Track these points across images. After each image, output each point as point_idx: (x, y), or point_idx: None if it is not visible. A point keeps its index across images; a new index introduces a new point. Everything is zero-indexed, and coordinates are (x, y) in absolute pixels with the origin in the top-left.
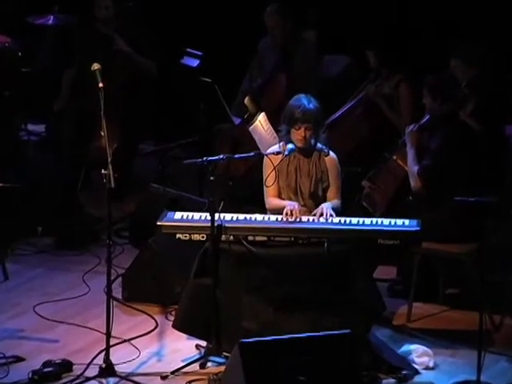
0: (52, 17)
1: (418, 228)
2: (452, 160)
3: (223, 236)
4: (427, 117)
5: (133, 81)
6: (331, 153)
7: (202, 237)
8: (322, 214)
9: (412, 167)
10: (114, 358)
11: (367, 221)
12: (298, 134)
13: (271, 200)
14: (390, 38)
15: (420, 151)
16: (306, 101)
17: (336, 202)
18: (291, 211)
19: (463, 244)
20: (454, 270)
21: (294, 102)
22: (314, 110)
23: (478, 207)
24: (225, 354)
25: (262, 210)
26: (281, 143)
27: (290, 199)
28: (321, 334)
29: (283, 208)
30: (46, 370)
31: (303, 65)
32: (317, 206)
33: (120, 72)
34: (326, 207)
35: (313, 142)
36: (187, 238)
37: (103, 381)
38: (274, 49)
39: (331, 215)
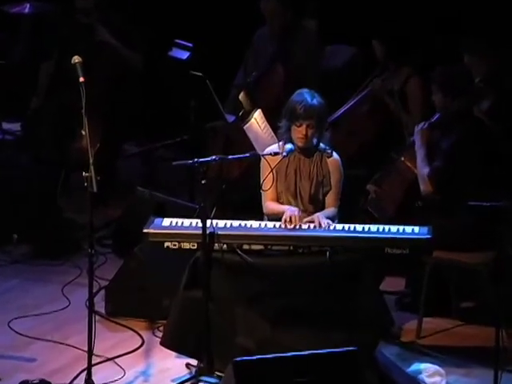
0: (28, 5)
1: (428, 235)
2: (466, 161)
3: (216, 244)
4: (437, 115)
5: (117, 75)
6: (334, 154)
7: (193, 245)
8: (320, 225)
9: (422, 169)
10: (96, 379)
11: (373, 228)
12: (298, 132)
13: (269, 204)
14: (398, 27)
15: (430, 151)
16: (308, 96)
17: (332, 210)
18: (290, 217)
19: (478, 253)
20: (468, 282)
21: (295, 96)
22: (317, 106)
23: (493, 212)
24: (217, 373)
25: (258, 215)
26: (280, 143)
27: (290, 203)
28: (323, 351)
29: (282, 213)
30: None
31: (303, 56)
32: (317, 211)
33: (103, 65)
34: (318, 216)
35: (315, 141)
36: (176, 246)
37: None
38: (271, 39)
39: (328, 223)
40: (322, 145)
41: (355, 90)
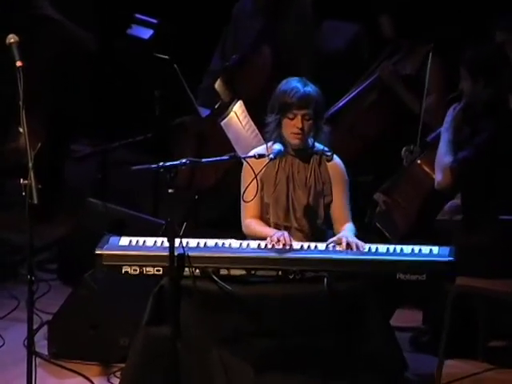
0: None
1: (451, 258)
2: (497, 161)
3: (186, 269)
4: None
5: (63, 58)
6: (336, 157)
7: (158, 270)
8: (350, 246)
9: (443, 157)
10: None
11: (382, 248)
12: (292, 126)
13: (250, 224)
14: None
15: (456, 142)
16: (299, 83)
17: (351, 227)
18: (278, 239)
19: None
20: (500, 316)
21: (283, 86)
22: (312, 93)
23: None
24: None
25: (239, 233)
26: (269, 143)
27: (278, 219)
28: None
29: (266, 237)
30: None
31: (295, 34)
32: (314, 228)
33: (46, 46)
34: (347, 237)
35: (311, 141)
36: (137, 271)
37: None
38: (254, 13)
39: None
40: (318, 145)
41: (359, 76)
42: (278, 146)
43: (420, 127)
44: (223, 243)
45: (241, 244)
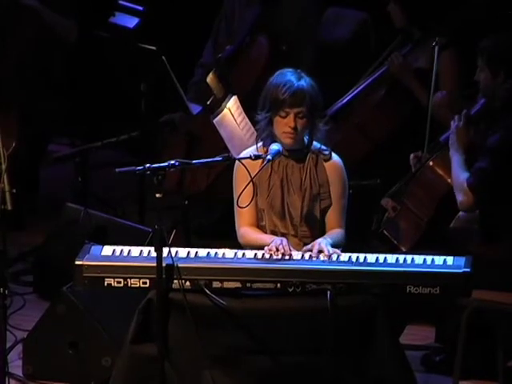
0: None
1: (466, 269)
2: None
3: (175, 281)
4: (481, 101)
5: (40, 50)
6: (334, 156)
7: (144, 283)
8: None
9: (458, 177)
10: None
11: (390, 258)
12: (284, 125)
13: (245, 233)
14: None
15: (472, 155)
16: (293, 76)
17: (337, 233)
18: (277, 247)
19: None
20: None
21: (276, 78)
22: (307, 89)
23: None
24: None
25: (234, 242)
26: (259, 144)
27: (275, 226)
28: None
29: (264, 245)
30: None
31: (294, 23)
32: (314, 236)
33: (20, 36)
34: (320, 243)
35: (306, 139)
36: (121, 284)
37: None
38: (250, 1)
39: (336, 253)
40: (316, 143)
41: (366, 68)
42: (275, 146)
43: (427, 131)
44: (216, 253)
45: (235, 254)
